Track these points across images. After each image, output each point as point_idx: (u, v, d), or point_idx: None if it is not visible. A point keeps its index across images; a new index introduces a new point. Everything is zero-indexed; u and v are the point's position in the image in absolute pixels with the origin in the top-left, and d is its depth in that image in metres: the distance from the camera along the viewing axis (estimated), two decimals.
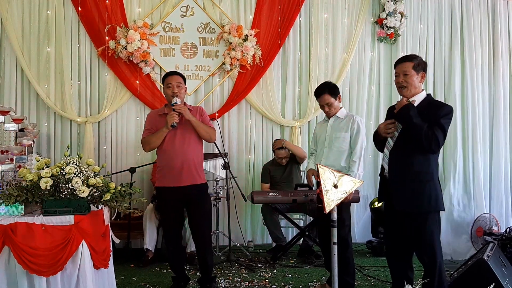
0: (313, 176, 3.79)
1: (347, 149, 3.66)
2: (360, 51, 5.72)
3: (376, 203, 5.22)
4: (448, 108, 3.03)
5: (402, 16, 5.59)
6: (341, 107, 3.77)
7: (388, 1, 5.53)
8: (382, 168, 3.30)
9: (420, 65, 3.10)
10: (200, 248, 3.76)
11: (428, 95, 3.17)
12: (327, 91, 3.68)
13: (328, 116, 3.78)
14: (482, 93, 5.74)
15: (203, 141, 3.78)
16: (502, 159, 5.70)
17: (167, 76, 3.71)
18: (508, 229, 4.89)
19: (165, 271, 4.45)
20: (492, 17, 5.78)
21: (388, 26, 5.57)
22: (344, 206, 3.47)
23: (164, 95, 3.76)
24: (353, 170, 3.58)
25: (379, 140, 3.36)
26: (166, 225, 3.79)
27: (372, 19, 5.74)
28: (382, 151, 3.33)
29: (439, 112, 2.99)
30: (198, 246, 3.79)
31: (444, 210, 3.17)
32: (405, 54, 5.58)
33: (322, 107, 3.77)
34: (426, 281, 3.09)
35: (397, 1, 5.55)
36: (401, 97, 3.17)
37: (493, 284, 3.51)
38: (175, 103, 3.53)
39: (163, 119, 3.60)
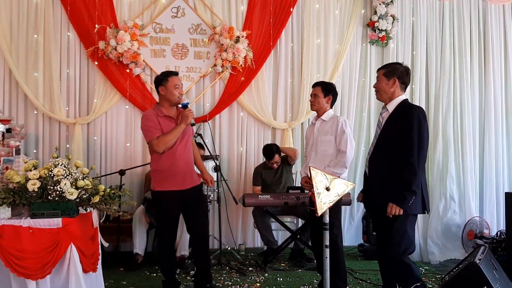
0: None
1: (332, 153, 3.67)
2: (352, 54, 5.72)
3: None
4: (414, 113, 3.08)
5: (393, 19, 5.60)
6: (328, 110, 3.81)
7: (379, 4, 5.54)
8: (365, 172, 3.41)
9: (391, 72, 3.23)
10: (200, 247, 3.72)
11: (404, 100, 3.24)
12: (321, 85, 3.84)
13: (311, 108, 3.90)
14: (473, 97, 5.76)
15: None
16: (493, 163, 5.73)
17: (172, 75, 3.60)
18: (499, 232, 4.91)
19: (154, 274, 4.40)
20: (483, 20, 5.81)
21: (380, 29, 5.57)
22: (333, 209, 3.46)
23: (165, 94, 3.58)
24: (330, 167, 3.59)
25: None
26: (164, 229, 3.68)
27: (363, 22, 5.75)
28: None
29: (408, 121, 3.07)
30: (197, 245, 3.73)
31: (421, 213, 3.24)
32: (395, 55, 5.71)
33: (310, 96, 3.89)
34: (418, 284, 3.09)
35: (388, 4, 5.57)
36: None
37: (485, 287, 3.52)
38: (188, 103, 3.61)
39: (167, 120, 3.55)
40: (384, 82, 3.24)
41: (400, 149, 3.08)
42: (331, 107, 3.85)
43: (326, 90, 3.79)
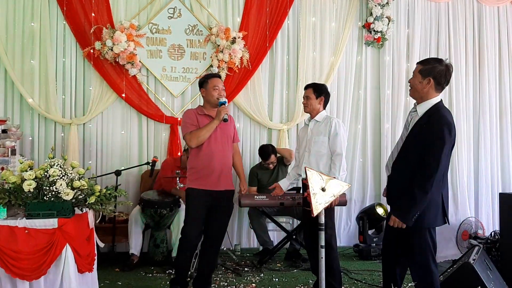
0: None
1: (326, 153, 3.66)
2: (348, 55, 5.74)
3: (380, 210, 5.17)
4: (442, 126, 2.86)
5: (389, 21, 5.63)
6: (321, 111, 3.79)
7: (375, 6, 5.56)
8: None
9: (428, 70, 2.95)
10: (210, 252, 3.72)
11: (437, 103, 2.97)
12: (313, 86, 3.84)
13: (304, 110, 3.89)
14: (467, 98, 5.80)
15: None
16: (489, 164, 5.76)
17: (212, 77, 3.69)
18: (493, 233, 4.93)
19: (150, 275, 4.40)
20: (478, 22, 5.85)
21: (376, 30, 5.60)
22: (326, 209, 3.46)
23: (206, 95, 3.66)
24: (334, 174, 3.55)
25: None
26: (191, 228, 3.59)
27: (359, 23, 5.77)
28: None
29: (433, 133, 2.87)
30: (207, 249, 3.71)
31: (430, 227, 3.01)
32: (390, 57, 5.72)
33: (303, 98, 3.88)
34: (412, 284, 3.10)
35: (384, 6, 5.59)
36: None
37: (479, 287, 3.54)
38: (225, 101, 3.61)
39: (206, 119, 3.60)
40: (418, 80, 2.97)
41: (420, 160, 2.89)
42: (324, 108, 3.84)
43: (318, 92, 3.78)
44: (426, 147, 2.87)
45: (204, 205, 3.57)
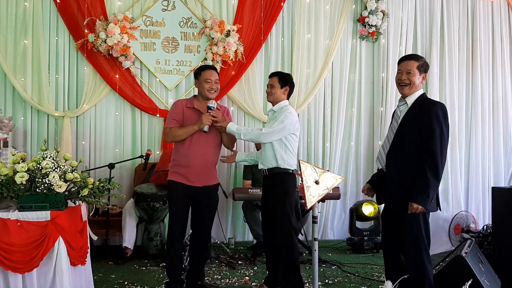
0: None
1: (277, 147, 3.51)
2: (342, 49, 5.73)
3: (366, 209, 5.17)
4: (436, 108, 3.03)
5: (383, 15, 5.62)
6: (283, 100, 3.63)
7: (370, 0, 5.55)
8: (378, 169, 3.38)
9: (423, 66, 3.16)
10: (200, 246, 3.71)
11: (423, 94, 3.18)
12: (278, 75, 3.67)
13: (267, 99, 3.73)
14: (460, 92, 5.81)
15: None
16: (480, 158, 5.78)
17: (205, 69, 3.59)
18: (485, 227, 4.97)
19: (144, 268, 4.40)
20: (471, 17, 5.86)
21: (370, 24, 5.59)
22: (286, 200, 3.44)
23: (198, 87, 3.60)
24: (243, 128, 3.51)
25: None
26: (175, 222, 3.56)
27: (354, 17, 5.76)
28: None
29: (430, 119, 3.01)
30: (197, 243, 3.70)
31: (435, 211, 3.15)
32: (385, 53, 5.73)
33: (267, 87, 3.71)
34: (405, 277, 3.12)
35: (378, 0, 5.58)
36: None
37: (471, 280, 3.56)
38: (212, 106, 3.49)
39: (193, 113, 3.54)
40: (417, 76, 3.13)
41: (422, 147, 3.01)
42: (287, 98, 3.68)
43: (283, 81, 3.62)
44: (427, 132, 2.99)
45: (184, 198, 3.54)
